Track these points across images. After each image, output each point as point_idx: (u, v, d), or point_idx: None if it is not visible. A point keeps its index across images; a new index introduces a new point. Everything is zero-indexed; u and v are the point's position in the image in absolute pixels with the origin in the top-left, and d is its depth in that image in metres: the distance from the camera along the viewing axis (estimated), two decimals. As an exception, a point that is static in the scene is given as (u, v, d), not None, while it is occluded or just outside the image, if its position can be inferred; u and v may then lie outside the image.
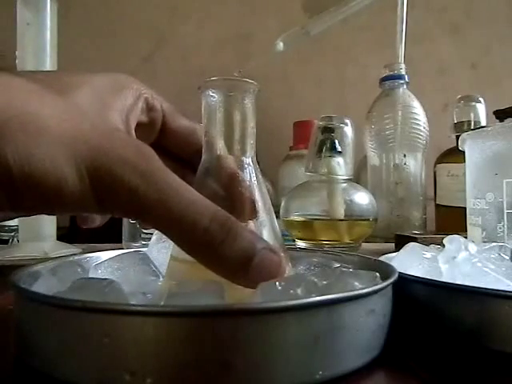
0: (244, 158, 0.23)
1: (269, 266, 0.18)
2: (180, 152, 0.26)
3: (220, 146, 0.23)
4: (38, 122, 0.16)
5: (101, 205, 0.17)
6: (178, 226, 0.17)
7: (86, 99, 0.19)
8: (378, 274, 0.21)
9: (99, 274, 0.24)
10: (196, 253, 0.18)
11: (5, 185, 0.16)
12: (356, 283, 0.20)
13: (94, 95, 0.20)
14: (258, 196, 0.23)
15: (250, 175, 0.23)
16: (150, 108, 0.23)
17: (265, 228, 0.22)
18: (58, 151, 0.16)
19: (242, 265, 0.18)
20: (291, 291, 0.18)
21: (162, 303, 0.18)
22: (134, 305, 0.18)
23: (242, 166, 0.23)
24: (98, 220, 0.24)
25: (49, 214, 0.19)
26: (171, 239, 0.18)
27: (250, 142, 0.23)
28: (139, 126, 0.23)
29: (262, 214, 0.23)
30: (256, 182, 0.23)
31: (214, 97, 0.23)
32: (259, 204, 0.23)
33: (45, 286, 0.21)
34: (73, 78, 0.20)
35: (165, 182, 0.17)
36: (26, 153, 0.16)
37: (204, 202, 0.18)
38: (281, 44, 0.61)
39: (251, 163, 0.23)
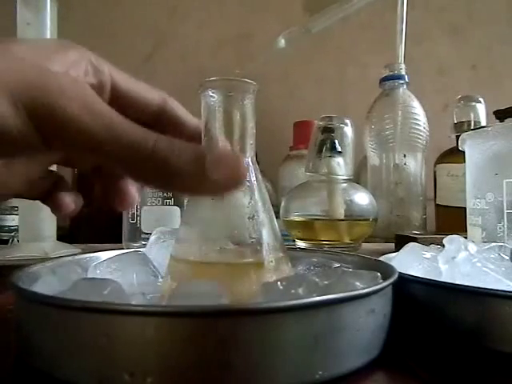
0: (244, 158, 0.23)
1: (225, 157, 0.18)
2: (137, 117, 0.24)
3: (220, 145, 0.23)
4: None
5: (45, 138, 0.17)
6: (126, 149, 0.17)
7: (24, 49, 0.19)
8: (378, 273, 0.21)
9: (98, 274, 0.24)
10: (150, 174, 0.17)
11: None
12: (357, 283, 0.20)
13: (33, 48, 0.19)
14: (257, 196, 0.23)
15: (250, 175, 0.23)
16: (95, 69, 0.23)
17: (264, 228, 0.22)
18: None
19: (196, 167, 0.17)
20: (292, 291, 0.18)
21: (164, 303, 0.18)
22: (133, 305, 0.18)
23: None
24: (70, 206, 0.23)
25: None
26: (120, 168, 0.18)
27: (250, 142, 0.23)
28: None
29: (262, 214, 0.23)
30: (256, 182, 0.23)
31: (213, 97, 0.22)
32: (259, 204, 0.23)
33: (45, 285, 0.21)
34: (15, 40, 0.20)
35: (107, 110, 0.17)
36: None
37: (146, 129, 0.17)
38: (282, 41, 0.61)
39: (251, 163, 0.23)
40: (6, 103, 0.16)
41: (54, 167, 0.25)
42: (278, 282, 0.18)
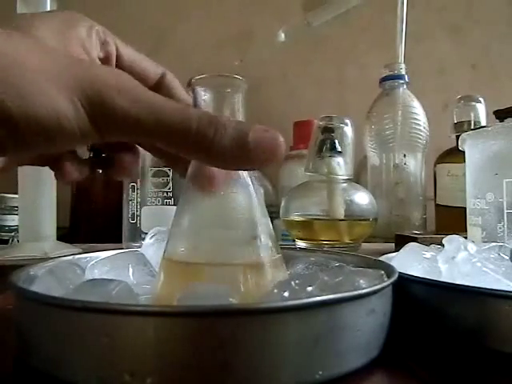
0: None
1: (266, 137, 0.19)
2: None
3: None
4: (22, 63, 0.17)
5: (99, 131, 0.18)
6: (173, 133, 0.18)
7: (48, 34, 0.20)
8: (383, 271, 0.21)
9: (96, 273, 0.24)
10: (195, 152, 0.19)
11: (8, 126, 0.17)
12: (361, 281, 0.20)
13: (52, 30, 0.21)
14: (251, 195, 0.22)
15: (243, 174, 0.23)
16: (103, 42, 0.24)
17: (260, 227, 0.22)
18: (50, 87, 0.17)
19: (239, 146, 0.18)
20: (309, 288, 0.18)
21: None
22: (134, 305, 0.18)
23: None
24: (73, 174, 0.24)
25: (50, 151, 0.20)
26: (169, 148, 0.19)
27: None
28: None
29: (257, 213, 0.22)
30: (250, 181, 0.23)
31: (203, 94, 0.22)
32: (254, 203, 0.22)
33: (44, 285, 0.21)
34: (27, 19, 0.21)
35: (150, 98, 0.18)
36: (22, 93, 0.16)
37: (188, 108, 0.19)
38: (282, 35, 0.61)
39: None
40: (68, 104, 0.17)
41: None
42: (292, 282, 0.18)
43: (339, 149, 0.54)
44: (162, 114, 0.18)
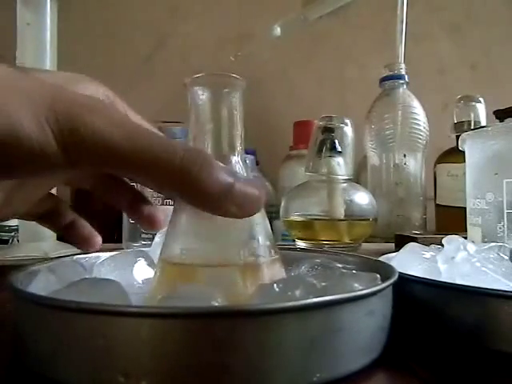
0: (233, 157, 0.22)
1: (252, 186, 0.18)
2: None
3: (208, 143, 0.22)
4: None
5: (67, 154, 0.16)
6: (154, 164, 0.16)
7: (44, 77, 0.19)
8: (378, 275, 0.21)
9: (101, 272, 0.24)
10: (178, 186, 0.17)
11: None
12: (356, 285, 0.20)
13: (52, 78, 0.20)
14: None
15: (240, 173, 0.22)
16: (111, 101, 0.24)
17: (257, 227, 0.22)
18: (13, 101, 0.15)
19: (225, 190, 0.17)
20: (289, 293, 0.18)
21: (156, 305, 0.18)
22: (129, 306, 0.18)
23: (230, 164, 0.22)
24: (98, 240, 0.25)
25: (13, 174, 0.18)
26: (147, 181, 0.18)
27: (239, 139, 0.23)
28: None
29: (257, 217, 0.22)
30: None
31: (201, 94, 0.22)
32: None
33: (44, 286, 0.21)
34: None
35: (128, 121, 0.17)
36: None
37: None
38: (278, 29, 0.61)
39: (239, 161, 0.23)
40: (29, 118, 0.15)
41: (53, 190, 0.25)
42: (275, 284, 0.18)
43: (339, 149, 0.54)
44: (141, 141, 0.16)
